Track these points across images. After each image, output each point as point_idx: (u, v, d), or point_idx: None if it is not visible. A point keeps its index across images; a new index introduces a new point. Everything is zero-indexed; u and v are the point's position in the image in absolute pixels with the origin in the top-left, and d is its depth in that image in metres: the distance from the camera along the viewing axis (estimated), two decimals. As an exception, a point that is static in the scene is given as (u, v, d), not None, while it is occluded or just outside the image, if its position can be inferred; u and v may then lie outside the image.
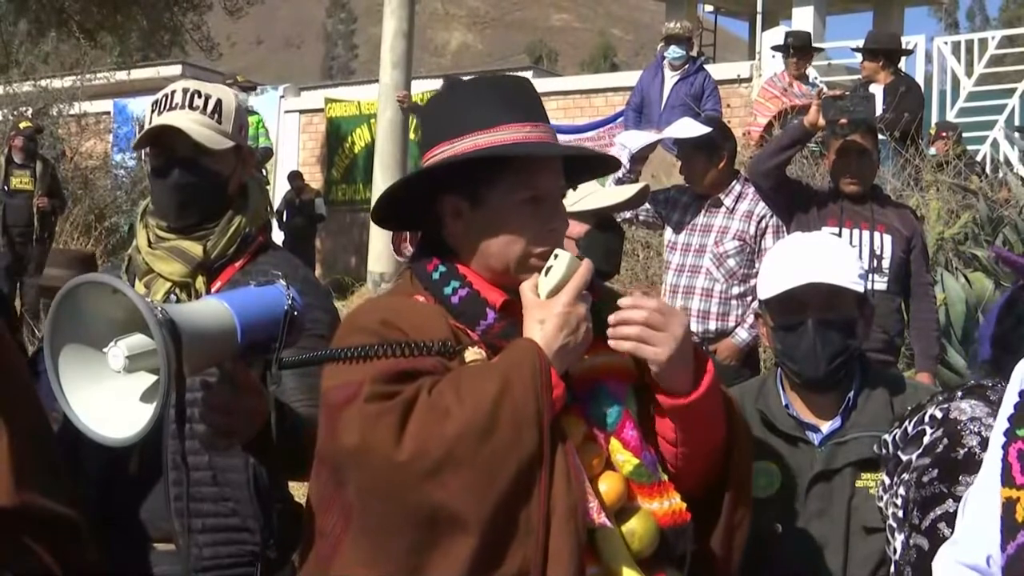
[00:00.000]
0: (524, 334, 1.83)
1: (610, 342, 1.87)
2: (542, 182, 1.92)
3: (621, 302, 1.89)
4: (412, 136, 11.95)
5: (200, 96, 2.48)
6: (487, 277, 1.94)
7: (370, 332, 1.88)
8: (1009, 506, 1.63)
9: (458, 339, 1.87)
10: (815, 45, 10.00)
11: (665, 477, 1.89)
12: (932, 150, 9.35)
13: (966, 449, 2.07)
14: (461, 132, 1.93)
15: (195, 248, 2.45)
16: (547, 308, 1.83)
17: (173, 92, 2.49)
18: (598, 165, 2.15)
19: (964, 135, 10.67)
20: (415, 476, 1.72)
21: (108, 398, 1.82)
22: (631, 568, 1.82)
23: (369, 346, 1.83)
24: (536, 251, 1.90)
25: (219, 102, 2.50)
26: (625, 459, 1.86)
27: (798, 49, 9.11)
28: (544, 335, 1.81)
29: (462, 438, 1.72)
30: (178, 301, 2.40)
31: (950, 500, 2.05)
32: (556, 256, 1.86)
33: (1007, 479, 1.64)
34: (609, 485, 1.85)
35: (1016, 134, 11.62)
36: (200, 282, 2.44)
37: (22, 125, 10.90)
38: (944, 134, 9.73)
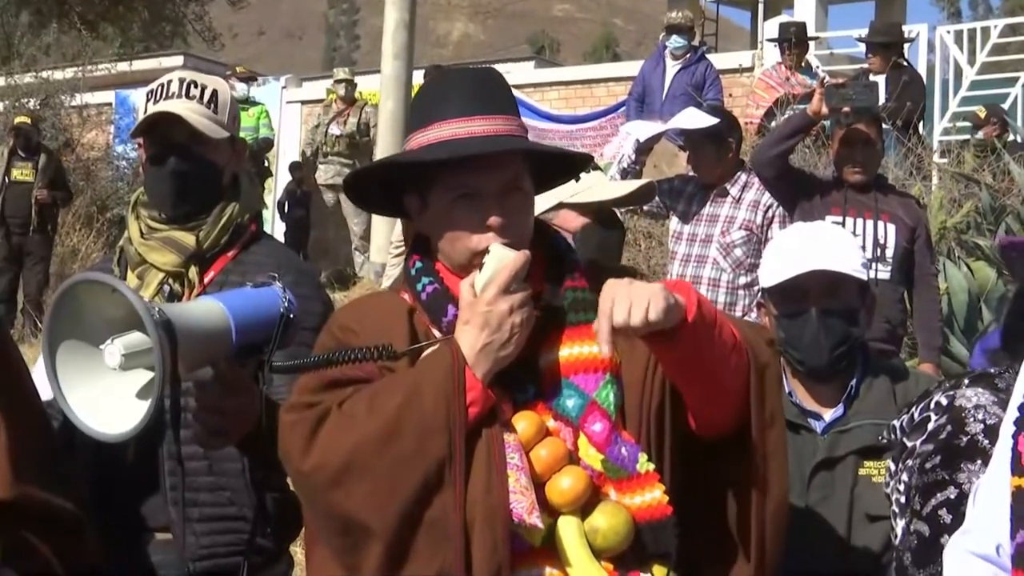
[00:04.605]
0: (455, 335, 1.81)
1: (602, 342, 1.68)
2: (474, 179, 1.85)
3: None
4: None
5: (196, 86, 2.47)
6: (456, 272, 1.90)
7: (331, 336, 1.92)
8: (1019, 495, 1.62)
9: (417, 338, 1.85)
10: (816, 34, 9.94)
11: (649, 468, 1.79)
12: (979, 134, 9.29)
13: (969, 436, 2.05)
14: (415, 128, 1.92)
15: (188, 238, 2.43)
16: (472, 307, 1.79)
17: (169, 81, 2.48)
18: (573, 164, 2.06)
19: (966, 123, 10.60)
20: (319, 485, 1.76)
21: (104, 394, 1.83)
22: (590, 566, 1.75)
23: (337, 351, 1.83)
24: (479, 248, 1.85)
25: (215, 92, 2.50)
26: (594, 454, 1.81)
27: (799, 41, 9.04)
28: (466, 336, 1.78)
29: (361, 448, 1.72)
30: (171, 291, 2.40)
31: (951, 487, 2.04)
32: (489, 251, 1.82)
33: (1017, 468, 1.63)
34: (571, 480, 1.78)
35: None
36: (193, 272, 2.43)
37: (17, 121, 10.84)
38: (994, 120, 9.63)
